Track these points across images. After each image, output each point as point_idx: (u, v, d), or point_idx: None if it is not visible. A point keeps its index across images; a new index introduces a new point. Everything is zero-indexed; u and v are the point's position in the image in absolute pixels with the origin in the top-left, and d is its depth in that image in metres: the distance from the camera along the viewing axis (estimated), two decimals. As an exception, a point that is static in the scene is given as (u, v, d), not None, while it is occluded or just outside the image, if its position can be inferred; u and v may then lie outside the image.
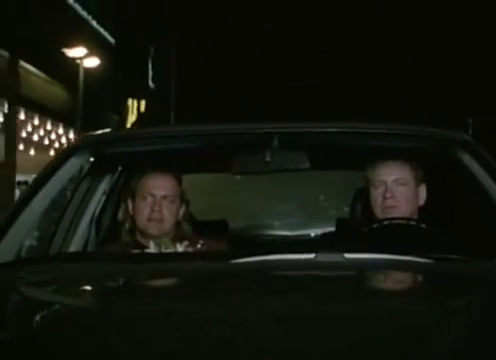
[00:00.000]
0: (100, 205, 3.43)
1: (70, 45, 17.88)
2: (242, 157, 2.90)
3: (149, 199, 2.98)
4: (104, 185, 3.46)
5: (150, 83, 24.65)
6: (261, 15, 24.24)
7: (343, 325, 1.70)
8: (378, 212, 2.96)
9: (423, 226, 2.90)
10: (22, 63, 15.79)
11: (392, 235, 2.83)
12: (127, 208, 3.05)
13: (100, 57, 18.82)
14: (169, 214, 2.99)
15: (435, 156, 3.03)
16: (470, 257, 2.31)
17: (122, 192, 3.26)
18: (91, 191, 3.39)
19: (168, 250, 2.90)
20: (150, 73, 24.60)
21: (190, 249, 2.94)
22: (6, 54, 14.92)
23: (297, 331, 1.65)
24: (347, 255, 2.21)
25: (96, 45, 19.40)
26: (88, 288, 2.25)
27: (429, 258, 2.27)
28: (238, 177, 4.08)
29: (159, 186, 3.00)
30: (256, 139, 2.82)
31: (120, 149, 2.99)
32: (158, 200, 2.97)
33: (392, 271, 2.30)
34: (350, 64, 23.75)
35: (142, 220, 2.98)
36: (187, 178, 3.24)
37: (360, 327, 1.68)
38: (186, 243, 2.96)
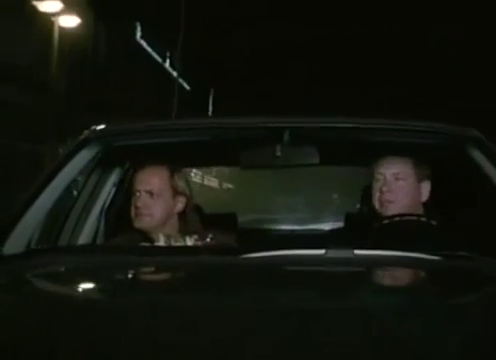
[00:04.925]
0: (110, 197, 3.43)
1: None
2: (252, 151, 2.89)
3: (136, 194, 3.00)
4: (114, 177, 3.46)
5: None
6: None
7: (353, 321, 1.70)
8: (377, 206, 2.95)
9: (433, 223, 2.89)
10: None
11: (402, 231, 2.82)
12: None
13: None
14: (156, 209, 2.99)
15: (446, 152, 3.02)
16: (480, 255, 2.31)
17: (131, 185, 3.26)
18: (101, 183, 3.39)
19: (177, 243, 2.91)
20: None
21: (199, 243, 2.94)
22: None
23: (307, 326, 1.65)
24: (357, 251, 2.21)
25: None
26: (96, 281, 2.25)
27: (439, 255, 2.26)
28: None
29: (143, 181, 3.00)
30: (267, 133, 2.81)
31: (130, 142, 2.99)
32: (143, 195, 2.98)
33: (401, 268, 2.30)
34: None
35: (132, 215, 3.01)
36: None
37: (370, 323, 1.68)
38: (196, 236, 2.96)
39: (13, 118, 13.32)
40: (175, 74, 23.71)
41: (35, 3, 13.17)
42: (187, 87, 26.81)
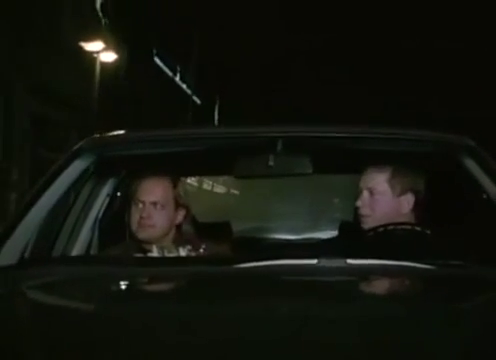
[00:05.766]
0: (103, 208, 3.43)
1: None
2: (245, 161, 2.89)
3: (139, 205, 2.99)
4: (107, 188, 3.45)
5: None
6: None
7: (344, 330, 1.70)
8: (359, 219, 2.97)
9: (427, 232, 2.89)
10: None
11: (396, 240, 2.82)
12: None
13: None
14: (160, 220, 2.99)
15: (438, 161, 3.02)
16: (473, 263, 2.31)
17: (127, 196, 3.24)
18: (94, 194, 3.38)
19: (171, 254, 2.90)
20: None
21: (193, 253, 2.94)
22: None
23: (299, 335, 1.65)
24: (349, 261, 2.21)
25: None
26: (91, 291, 2.25)
27: (432, 264, 2.27)
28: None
29: (148, 192, 3.00)
30: (259, 143, 2.81)
31: (123, 152, 2.99)
32: (147, 206, 2.98)
33: (394, 277, 2.30)
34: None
35: (133, 225, 3.00)
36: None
37: (361, 332, 1.68)
38: (189, 247, 2.96)
39: (57, 135, 16.07)
40: (185, 87, 25.95)
41: (82, 44, 16.90)
42: (197, 101, 28.13)
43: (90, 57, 17.02)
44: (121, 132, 3.05)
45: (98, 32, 17.44)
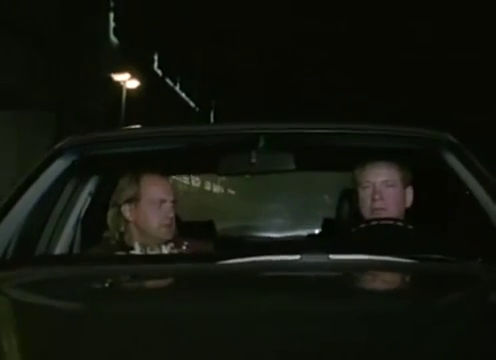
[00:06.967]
0: (86, 207, 3.41)
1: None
2: (227, 158, 2.89)
3: (161, 205, 2.97)
4: (90, 187, 3.44)
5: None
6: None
7: (327, 325, 1.70)
8: (366, 213, 2.95)
9: (410, 227, 2.91)
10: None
11: (379, 236, 2.83)
12: (119, 213, 3.00)
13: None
14: (174, 217, 3.01)
15: (420, 157, 3.03)
16: (455, 257, 2.32)
17: (109, 195, 3.20)
18: (77, 193, 3.37)
19: (153, 252, 2.90)
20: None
21: (175, 251, 2.94)
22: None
23: (282, 331, 1.65)
24: (332, 256, 2.22)
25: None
26: (74, 290, 2.25)
27: (414, 258, 2.28)
28: None
29: (167, 191, 3.00)
30: (242, 140, 2.81)
31: (105, 150, 2.98)
32: (169, 205, 2.98)
33: (376, 271, 2.31)
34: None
35: (154, 226, 2.96)
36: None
37: (344, 327, 1.69)
38: (171, 245, 2.95)
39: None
40: (183, 95, 28.77)
41: (112, 75, 21.02)
42: (197, 108, 30.52)
43: (118, 85, 21.17)
44: (103, 131, 3.04)
45: (124, 64, 21.28)
